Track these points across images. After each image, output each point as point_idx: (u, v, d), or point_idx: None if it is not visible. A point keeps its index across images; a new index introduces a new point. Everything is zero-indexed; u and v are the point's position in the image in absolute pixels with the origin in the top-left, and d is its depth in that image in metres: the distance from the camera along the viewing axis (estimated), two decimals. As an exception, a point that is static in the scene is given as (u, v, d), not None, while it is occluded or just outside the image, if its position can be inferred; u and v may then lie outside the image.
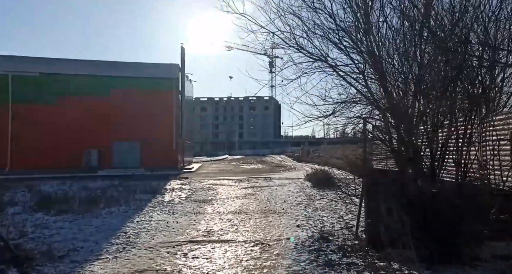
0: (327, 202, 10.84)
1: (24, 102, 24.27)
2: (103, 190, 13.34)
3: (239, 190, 14.39)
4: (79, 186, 14.46)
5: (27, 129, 24.10)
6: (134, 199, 11.36)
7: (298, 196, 12.26)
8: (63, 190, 13.03)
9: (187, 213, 9.27)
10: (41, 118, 24.09)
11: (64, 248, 5.95)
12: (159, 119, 26.45)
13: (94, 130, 25.03)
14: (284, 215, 9.05)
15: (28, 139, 23.96)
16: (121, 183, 15.62)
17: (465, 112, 4.36)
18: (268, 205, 10.55)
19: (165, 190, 13.80)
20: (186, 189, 14.45)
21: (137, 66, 26.66)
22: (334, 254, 5.44)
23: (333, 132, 8.97)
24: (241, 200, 11.70)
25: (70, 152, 24.31)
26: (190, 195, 12.76)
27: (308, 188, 14.61)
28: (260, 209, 9.91)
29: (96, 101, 25.18)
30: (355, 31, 5.57)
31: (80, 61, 26.04)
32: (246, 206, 10.43)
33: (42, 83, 24.48)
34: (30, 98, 24.17)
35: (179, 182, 17.14)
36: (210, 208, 10.09)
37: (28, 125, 24.07)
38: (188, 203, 11.08)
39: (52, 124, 24.29)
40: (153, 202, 10.94)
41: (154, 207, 10.14)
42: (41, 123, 24.13)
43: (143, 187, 14.04)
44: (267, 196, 12.40)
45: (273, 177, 20.52)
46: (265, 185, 16.09)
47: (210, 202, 11.30)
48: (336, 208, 9.70)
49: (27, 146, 23.85)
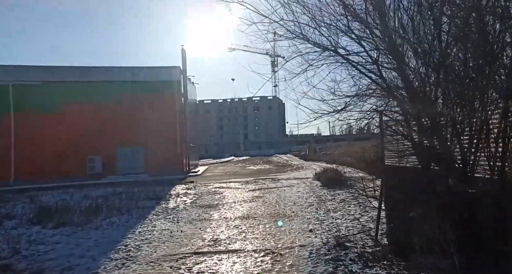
0: (339, 203, 10.27)
1: (26, 112, 24.01)
2: (105, 198, 12.89)
3: (246, 192, 13.87)
4: (81, 195, 14.03)
5: (30, 139, 23.85)
6: (137, 206, 10.88)
7: (308, 197, 11.70)
8: (64, 200, 12.60)
9: (192, 221, 8.77)
10: (45, 126, 23.84)
11: (58, 266, 5.47)
12: (163, 123, 26.04)
13: (97, 137, 24.71)
14: (295, 218, 8.51)
15: (32, 148, 23.71)
16: (124, 190, 15.18)
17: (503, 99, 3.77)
18: (277, 208, 10.01)
19: (170, 196, 13.32)
20: (191, 194, 13.96)
21: (138, 70, 26.30)
22: (355, 264, 4.88)
23: (346, 128, 8.32)
24: (248, 203, 11.18)
25: (74, 160, 24.00)
26: (195, 200, 12.26)
27: (318, 188, 14.04)
28: (269, 213, 9.38)
29: (99, 107, 24.87)
30: (367, 14, 5.01)
31: (81, 68, 25.83)
32: (254, 210, 9.90)
33: (44, 91, 24.20)
34: (32, 107, 23.91)
35: (184, 186, 16.66)
36: (216, 214, 9.57)
37: (31, 134, 23.82)
38: (194, 209, 10.58)
39: (55, 133, 24.03)
40: (157, 209, 10.45)
41: (157, 214, 9.64)
42: (45, 131, 23.88)
43: (147, 193, 13.59)
44: (275, 198, 11.86)
45: (280, 177, 19.96)
46: (273, 186, 15.55)
47: (217, 207, 10.79)
48: (349, 209, 9.12)
49: (31, 155, 23.58)
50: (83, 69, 25.66)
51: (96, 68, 26.12)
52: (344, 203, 10.18)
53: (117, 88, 25.27)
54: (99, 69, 25.99)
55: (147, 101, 25.44)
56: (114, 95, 25.05)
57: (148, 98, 25.52)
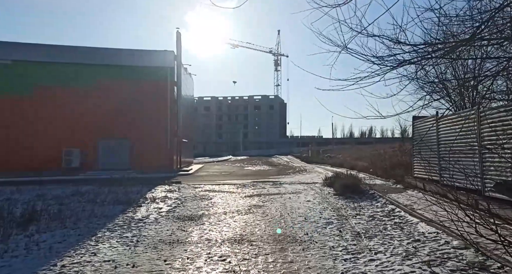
0: (369, 221, 7.44)
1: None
2: (61, 200, 10.06)
3: (242, 199, 11.04)
4: (33, 194, 11.20)
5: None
6: (93, 215, 8.06)
7: (322, 210, 8.87)
8: (7, 200, 9.76)
9: (158, 244, 5.92)
10: (13, 111, 20.96)
11: None
12: (152, 114, 23.17)
13: (76, 127, 21.83)
14: (311, 246, 5.69)
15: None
16: (91, 189, 12.36)
17: None
18: (283, 226, 7.19)
19: (144, 200, 10.48)
20: (172, 198, 11.12)
21: (126, 53, 23.29)
22: None
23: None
24: (243, 216, 8.35)
25: (47, 152, 21.06)
26: (174, 208, 9.41)
27: (331, 196, 11.23)
28: (271, 234, 6.56)
29: (79, 93, 22.00)
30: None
31: (59, 47, 22.58)
32: (250, 228, 7.08)
33: (15, 71, 21.23)
34: (0, 89, 21.00)
35: (167, 187, 13.82)
36: (196, 232, 6.74)
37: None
38: (168, 221, 7.74)
39: (26, 119, 21.14)
40: (117, 221, 7.61)
41: (113, 230, 6.80)
42: (13, 117, 20.99)
43: (116, 196, 10.76)
44: (279, 210, 9.03)
45: (283, 180, 17.12)
46: (275, 192, 12.71)
47: (200, 219, 7.95)
48: (390, 234, 6.28)
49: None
50: (63, 49, 22.49)
51: (73, 47, 22.91)
52: (375, 222, 7.35)
53: (100, 73, 22.33)
54: (78, 49, 22.87)
55: (135, 89, 22.54)
56: (96, 80, 22.13)
57: (136, 85, 22.61)
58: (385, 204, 9.24)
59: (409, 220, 7.28)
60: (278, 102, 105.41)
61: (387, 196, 10.23)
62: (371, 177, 15.49)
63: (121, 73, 22.61)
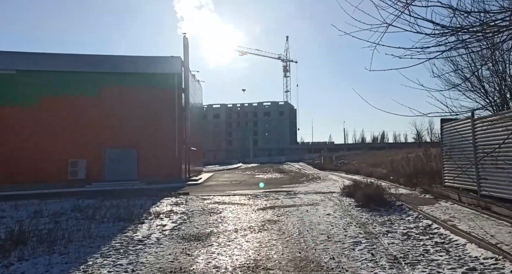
0: (404, 241, 6.35)
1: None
2: (57, 218, 9.23)
3: (254, 212, 10.03)
4: (31, 210, 10.40)
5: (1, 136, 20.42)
6: (88, 235, 7.16)
7: (346, 226, 7.80)
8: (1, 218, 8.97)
9: (157, 273, 4.97)
10: (18, 122, 20.45)
11: None
12: (159, 122, 22.43)
13: (81, 137, 21.20)
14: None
15: (2, 147, 20.25)
16: (92, 203, 11.53)
17: None
18: (303, 248, 6.15)
19: (147, 216, 9.56)
20: (178, 212, 10.17)
21: (131, 60, 22.64)
22: None
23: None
24: (256, 234, 7.35)
25: (53, 163, 20.43)
26: (179, 225, 8.46)
27: (352, 208, 10.14)
28: (291, 259, 5.54)
29: (84, 102, 21.41)
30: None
31: (64, 56, 22.12)
32: (266, 250, 6.07)
33: (19, 82, 20.79)
34: (5, 99, 20.56)
35: (173, 200, 12.90)
36: (203, 257, 5.76)
37: (2, 130, 20.42)
38: (171, 243, 6.78)
39: (31, 130, 20.59)
40: (114, 243, 6.69)
41: (106, 255, 5.87)
42: (18, 128, 20.49)
43: (117, 211, 9.87)
44: (297, 226, 8.00)
45: (297, 190, 16.04)
46: (290, 203, 11.66)
47: (207, 239, 6.97)
48: (436, 260, 5.18)
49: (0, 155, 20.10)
50: (68, 57, 22.02)
51: (77, 56, 22.37)
52: (411, 242, 6.26)
53: (105, 81, 21.72)
54: (83, 58, 22.33)
55: (141, 96, 21.85)
56: (101, 88, 21.53)
57: (142, 93, 21.92)
58: (418, 218, 8.12)
59: (452, 240, 6.17)
60: (288, 108, 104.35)
61: (418, 208, 9.09)
62: (393, 186, 14.29)
63: (127, 81, 21.97)
